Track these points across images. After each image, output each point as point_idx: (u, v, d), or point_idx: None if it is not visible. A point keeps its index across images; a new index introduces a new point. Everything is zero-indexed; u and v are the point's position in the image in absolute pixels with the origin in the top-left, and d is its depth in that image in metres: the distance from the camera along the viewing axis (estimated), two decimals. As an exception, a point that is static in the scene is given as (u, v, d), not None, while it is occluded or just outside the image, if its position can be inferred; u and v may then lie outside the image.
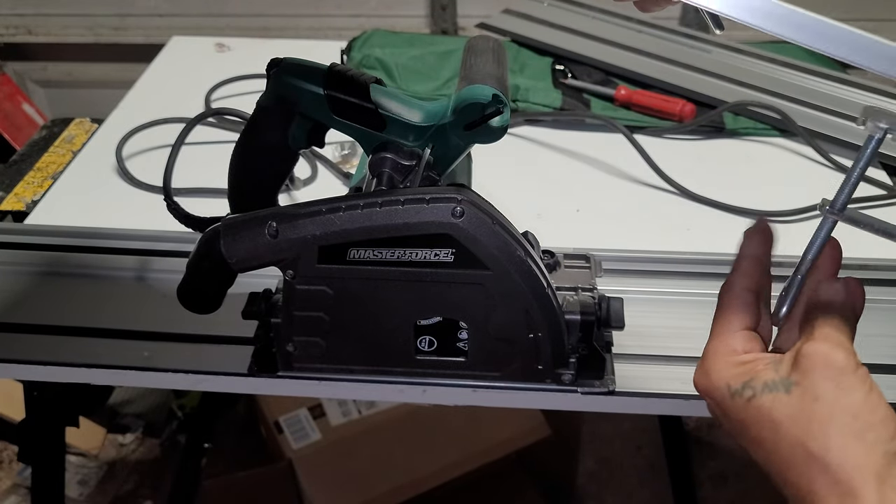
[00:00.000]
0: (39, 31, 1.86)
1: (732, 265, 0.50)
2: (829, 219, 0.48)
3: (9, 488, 1.59)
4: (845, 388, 0.41)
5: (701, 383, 0.47)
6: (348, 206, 0.55)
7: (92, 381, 0.68)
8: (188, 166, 0.84)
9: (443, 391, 0.64)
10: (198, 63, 1.26)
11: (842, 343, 0.43)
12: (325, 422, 1.40)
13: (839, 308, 0.45)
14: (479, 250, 0.55)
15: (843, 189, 0.47)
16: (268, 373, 0.65)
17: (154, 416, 1.70)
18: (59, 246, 0.81)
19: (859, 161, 0.46)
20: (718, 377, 0.46)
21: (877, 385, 0.42)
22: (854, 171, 0.46)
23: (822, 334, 0.44)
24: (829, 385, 0.41)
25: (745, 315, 0.48)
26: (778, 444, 0.42)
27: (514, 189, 0.95)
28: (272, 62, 0.59)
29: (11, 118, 1.68)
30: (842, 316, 0.45)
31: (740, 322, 0.48)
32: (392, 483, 1.37)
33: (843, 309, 0.45)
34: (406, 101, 0.58)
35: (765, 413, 0.43)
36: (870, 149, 0.45)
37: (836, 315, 0.45)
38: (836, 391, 0.41)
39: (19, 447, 1.12)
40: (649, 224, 0.90)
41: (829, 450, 0.40)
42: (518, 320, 0.58)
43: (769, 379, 0.43)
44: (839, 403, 0.41)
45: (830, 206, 0.47)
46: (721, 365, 0.46)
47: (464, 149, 0.58)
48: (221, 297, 0.61)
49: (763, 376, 0.44)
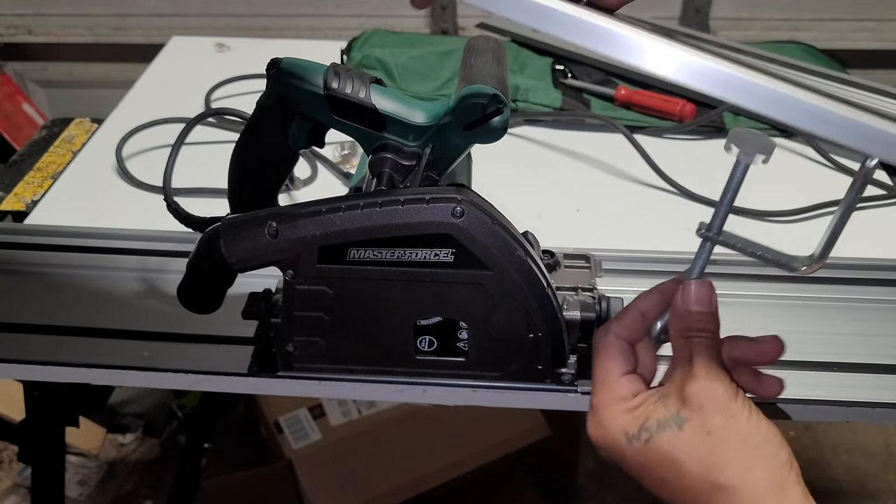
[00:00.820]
0: (39, 31, 1.86)
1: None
2: (707, 242, 0.48)
3: (9, 488, 1.59)
4: (732, 417, 0.44)
5: (597, 435, 0.49)
6: (348, 206, 0.55)
7: (92, 381, 0.68)
8: (188, 166, 0.84)
9: (443, 391, 0.64)
10: (198, 63, 1.26)
11: (719, 375, 0.46)
12: (325, 422, 1.40)
13: (709, 334, 0.48)
14: (479, 250, 0.55)
15: (718, 213, 0.47)
16: (268, 373, 0.65)
17: (154, 416, 1.70)
18: (60, 246, 0.81)
19: (730, 186, 0.46)
20: (613, 426, 0.48)
21: (754, 404, 0.45)
22: (726, 196, 0.47)
23: (700, 369, 0.46)
24: (717, 419, 0.44)
25: (622, 361, 0.50)
26: (681, 481, 0.45)
27: (514, 189, 0.95)
28: (272, 62, 0.59)
29: (11, 118, 1.68)
30: (712, 342, 0.48)
31: (619, 369, 0.50)
32: (392, 483, 1.37)
33: (713, 334, 0.48)
34: (406, 101, 0.58)
35: (664, 453, 0.45)
36: (739, 171, 0.46)
37: (707, 342, 0.47)
38: (725, 422, 0.44)
39: (19, 447, 1.12)
40: (649, 224, 0.90)
41: (730, 476, 0.43)
42: (518, 320, 0.58)
43: (661, 417, 0.46)
44: (730, 433, 0.44)
45: (707, 229, 0.48)
46: (614, 413, 0.48)
47: (464, 149, 0.58)
48: (221, 297, 0.61)
49: (655, 415, 0.46)
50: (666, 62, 0.39)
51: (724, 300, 0.49)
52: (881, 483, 1.65)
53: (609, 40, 0.39)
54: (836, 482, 1.64)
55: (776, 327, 0.71)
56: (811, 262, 0.47)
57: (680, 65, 0.39)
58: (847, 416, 0.65)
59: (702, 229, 0.48)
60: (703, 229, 0.48)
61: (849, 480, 1.65)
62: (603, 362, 0.50)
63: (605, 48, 0.39)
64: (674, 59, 0.39)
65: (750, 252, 0.48)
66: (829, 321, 0.73)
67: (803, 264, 0.47)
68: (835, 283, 0.77)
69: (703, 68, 0.39)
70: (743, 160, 0.45)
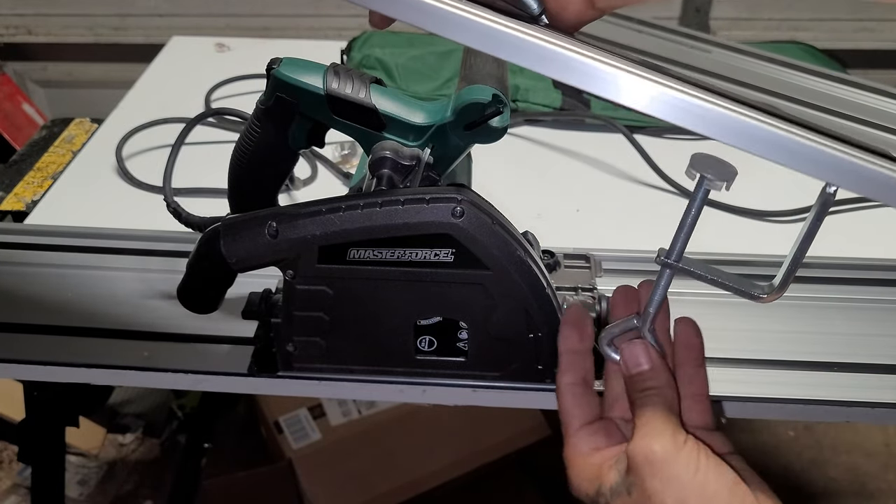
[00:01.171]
0: (39, 31, 1.86)
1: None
2: (666, 270, 0.47)
3: (9, 488, 1.59)
4: (670, 479, 0.43)
5: (572, 485, 0.49)
6: (348, 206, 0.55)
7: (92, 381, 0.68)
8: (188, 166, 0.84)
9: (443, 391, 0.64)
10: (198, 63, 1.26)
11: (658, 432, 0.44)
12: (325, 422, 1.40)
13: (653, 390, 0.47)
14: (479, 250, 0.55)
15: (678, 239, 0.46)
16: (268, 373, 0.65)
17: (154, 416, 1.70)
18: (59, 246, 0.81)
19: (690, 211, 0.45)
20: (578, 485, 0.48)
21: (705, 454, 0.43)
22: (686, 220, 0.45)
23: (639, 428, 0.45)
24: (654, 482, 0.43)
25: (579, 410, 0.50)
26: None
27: (514, 189, 0.95)
28: (272, 62, 0.59)
29: (11, 118, 1.68)
30: (658, 396, 0.46)
31: (577, 419, 0.49)
32: (392, 483, 1.37)
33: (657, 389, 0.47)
34: (406, 101, 0.58)
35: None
36: (699, 197, 0.44)
37: (651, 398, 0.46)
38: (662, 485, 0.43)
39: (19, 447, 1.12)
40: (649, 224, 0.90)
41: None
42: (518, 320, 0.58)
43: (613, 483, 0.45)
44: (668, 495, 0.43)
45: (666, 256, 0.46)
46: (576, 472, 0.48)
47: (464, 149, 0.58)
48: (221, 297, 0.61)
49: (608, 480, 0.46)
50: (619, 89, 0.38)
51: (723, 300, 0.49)
52: (881, 483, 1.65)
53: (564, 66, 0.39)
54: (836, 482, 1.64)
55: (776, 327, 0.71)
56: (772, 291, 0.45)
57: (630, 91, 0.38)
58: (847, 416, 0.65)
59: (661, 256, 0.46)
60: (662, 256, 0.46)
61: (849, 480, 1.65)
62: (562, 415, 0.50)
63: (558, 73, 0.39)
64: (627, 86, 0.38)
65: (710, 279, 0.46)
66: (828, 321, 0.73)
67: (764, 292, 0.46)
68: (834, 283, 0.77)
69: (658, 94, 0.38)
70: (705, 185, 0.43)
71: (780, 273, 0.45)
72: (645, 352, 0.48)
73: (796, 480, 1.64)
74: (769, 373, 0.67)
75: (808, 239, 0.43)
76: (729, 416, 0.65)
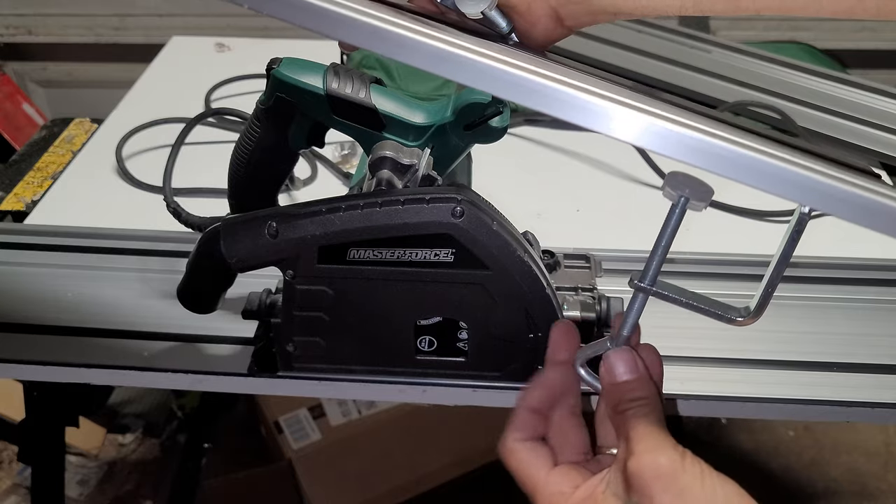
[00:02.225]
0: (39, 31, 1.86)
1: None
2: (640, 294, 0.45)
3: (9, 488, 1.59)
4: (682, 492, 0.41)
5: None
6: (348, 206, 0.55)
7: (92, 381, 0.68)
8: (188, 166, 0.84)
9: (443, 391, 0.64)
10: (198, 63, 1.26)
11: (660, 444, 0.42)
12: (325, 422, 1.40)
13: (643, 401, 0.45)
14: (479, 250, 0.55)
15: (652, 261, 0.44)
16: (268, 373, 0.65)
17: (154, 416, 1.70)
18: (59, 246, 0.81)
19: (665, 232, 0.43)
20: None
21: (702, 463, 0.42)
22: (660, 242, 0.44)
23: (637, 443, 0.42)
24: (667, 497, 0.40)
25: (538, 460, 0.47)
26: None
27: (514, 189, 0.95)
28: (272, 62, 0.59)
29: (11, 118, 1.68)
30: (649, 408, 0.44)
31: (542, 469, 0.47)
32: (392, 483, 1.37)
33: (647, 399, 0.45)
34: (406, 101, 0.58)
35: None
36: (674, 218, 0.43)
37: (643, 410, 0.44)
38: (674, 499, 0.40)
39: (19, 447, 1.12)
40: (649, 224, 0.89)
41: None
42: (518, 320, 0.58)
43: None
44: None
45: (640, 279, 0.45)
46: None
47: (464, 149, 0.58)
48: (221, 297, 0.61)
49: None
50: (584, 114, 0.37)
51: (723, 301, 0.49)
52: (881, 483, 1.65)
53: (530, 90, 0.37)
54: (836, 482, 1.64)
55: (775, 327, 0.71)
56: (748, 316, 0.44)
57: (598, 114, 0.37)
58: (847, 416, 0.65)
59: (634, 279, 0.45)
60: (636, 279, 0.45)
61: (849, 480, 1.65)
62: (520, 473, 0.48)
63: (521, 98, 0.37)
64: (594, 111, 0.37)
65: (685, 303, 0.45)
66: (828, 321, 0.73)
67: (740, 316, 0.44)
68: (834, 283, 0.77)
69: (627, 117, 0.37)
70: (682, 205, 0.42)
71: (756, 296, 0.43)
72: (633, 360, 0.46)
73: (796, 480, 1.64)
74: (769, 373, 0.67)
75: (784, 261, 0.42)
76: (729, 416, 0.65)
